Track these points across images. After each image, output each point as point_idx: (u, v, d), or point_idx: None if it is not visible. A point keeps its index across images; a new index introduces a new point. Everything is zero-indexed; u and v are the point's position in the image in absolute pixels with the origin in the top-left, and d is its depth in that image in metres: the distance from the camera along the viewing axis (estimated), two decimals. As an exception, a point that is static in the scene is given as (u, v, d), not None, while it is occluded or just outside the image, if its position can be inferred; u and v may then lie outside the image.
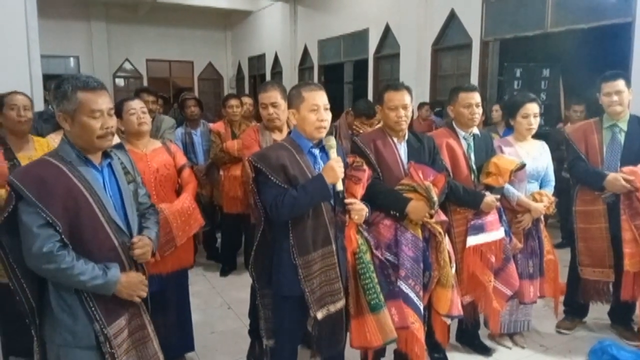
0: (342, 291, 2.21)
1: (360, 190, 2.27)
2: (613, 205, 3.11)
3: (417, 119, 6.81)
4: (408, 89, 2.64)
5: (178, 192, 2.91)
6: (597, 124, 3.23)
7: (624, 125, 3.14)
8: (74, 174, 1.72)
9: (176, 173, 2.90)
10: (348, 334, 2.34)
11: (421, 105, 7.05)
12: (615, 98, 3.07)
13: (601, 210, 3.15)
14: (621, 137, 3.13)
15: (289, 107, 2.25)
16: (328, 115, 2.19)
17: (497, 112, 5.39)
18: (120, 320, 1.81)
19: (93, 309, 1.74)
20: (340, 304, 2.21)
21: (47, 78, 5.94)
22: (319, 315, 2.15)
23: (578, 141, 3.24)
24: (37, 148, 2.82)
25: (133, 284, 1.84)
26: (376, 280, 2.26)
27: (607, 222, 3.14)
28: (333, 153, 2.15)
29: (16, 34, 5.91)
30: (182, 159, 2.98)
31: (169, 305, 2.82)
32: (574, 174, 3.33)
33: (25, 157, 2.72)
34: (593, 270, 3.25)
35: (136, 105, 2.75)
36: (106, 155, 1.88)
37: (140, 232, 1.95)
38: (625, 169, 3.01)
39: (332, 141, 2.18)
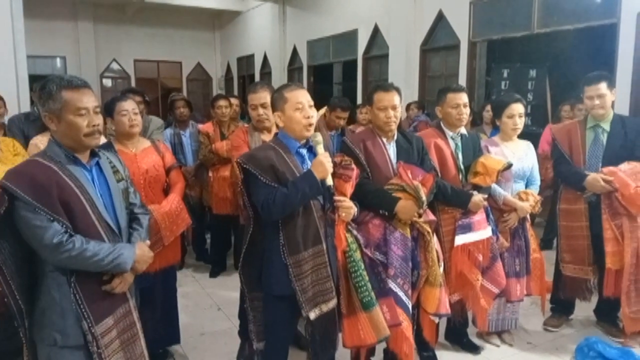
0: (334, 290, 2.21)
1: (349, 189, 2.28)
2: (595, 205, 3.16)
3: (406, 119, 6.84)
4: (397, 90, 2.65)
5: (166, 192, 2.93)
6: (582, 124, 3.28)
7: (606, 126, 3.19)
8: (64, 173, 1.74)
9: (165, 173, 2.91)
10: (340, 334, 2.34)
11: (409, 106, 7.07)
12: (597, 102, 3.12)
13: (582, 209, 3.21)
14: (603, 138, 3.18)
15: (274, 110, 2.25)
16: (313, 112, 2.20)
17: (488, 112, 5.40)
18: (108, 320, 1.82)
19: (82, 306, 1.75)
20: (332, 303, 2.21)
21: (33, 79, 5.89)
22: (312, 315, 2.15)
23: (562, 141, 3.29)
24: (3, 149, 2.78)
25: (146, 257, 1.94)
26: (367, 278, 2.27)
27: (588, 220, 3.20)
28: (320, 148, 2.16)
29: (2, 35, 5.86)
30: (170, 159, 3.00)
31: (157, 301, 2.85)
32: (558, 173, 3.39)
33: None
34: (574, 267, 3.32)
35: (128, 106, 2.75)
36: (94, 154, 1.88)
37: (129, 234, 1.97)
38: (605, 169, 3.06)
39: (319, 137, 2.19)
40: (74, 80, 1.78)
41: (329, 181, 2.13)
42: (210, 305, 4.01)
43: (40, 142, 3.06)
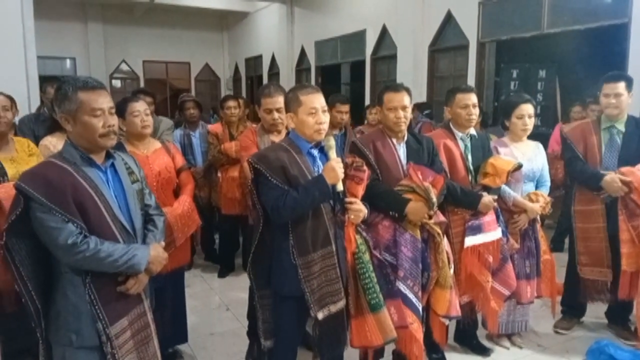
0: (343, 291, 2.21)
1: (361, 191, 2.27)
2: (611, 205, 3.13)
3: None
4: (407, 90, 2.64)
5: (176, 193, 2.94)
6: (595, 125, 3.25)
7: (621, 127, 3.16)
8: (79, 174, 1.75)
9: (176, 175, 2.92)
10: (348, 334, 2.34)
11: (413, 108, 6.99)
12: (612, 100, 3.09)
13: (599, 210, 3.18)
14: (619, 139, 3.16)
15: (287, 110, 2.25)
16: (326, 117, 2.20)
17: None
18: (123, 321, 1.83)
19: (97, 307, 1.76)
20: (341, 304, 2.20)
21: (43, 79, 5.92)
22: (320, 315, 2.15)
23: (576, 141, 3.25)
24: (18, 149, 2.77)
25: (160, 258, 1.94)
26: (375, 280, 2.26)
27: (605, 222, 3.16)
28: (332, 153, 2.16)
29: (12, 36, 5.90)
30: (181, 160, 3.01)
31: (165, 302, 2.86)
32: (572, 173, 3.35)
33: (6, 158, 2.66)
34: (592, 269, 3.27)
35: (140, 107, 2.75)
36: (109, 156, 1.90)
37: (144, 235, 1.97)
38: (624, 169, 3.02)
39: (332, 141, 2.18)
40: (90, 82, 1.80)
41: (340, 186, 2.13)
42: (218, 305, 4.03)
43: (49, 142, 3.07)
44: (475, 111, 2.92)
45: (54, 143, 3.04)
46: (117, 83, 14.18)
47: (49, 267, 1.80)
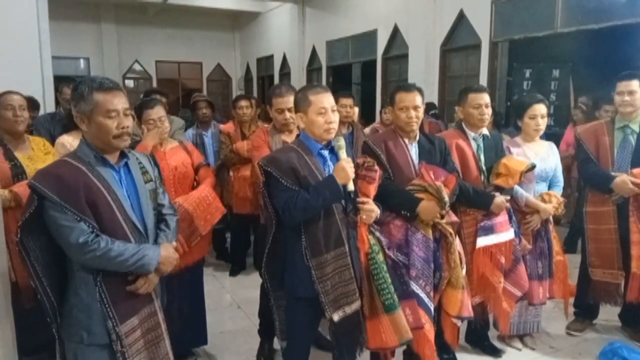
0: (358, 292, 2.20)
1: (373, 191, 2.27)
2: (622, 207, 3.10)
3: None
4: (419, 90, 2.64)
5: (194, 189, 2.96)
6: (609, 125, 3.22)
7: (635, 127, 3.12)
8: (93, 173, 1.77)
9: (193, 171, 2.95)
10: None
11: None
12: (626, 98, 3.06)
13: (610, 211, 3.15)
14: (632, 139, 3.12)
15: (297, 110, 2.26)
16: (336, 117, 2.20)
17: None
18: (133, 320, 1.84)
19: (107, 306, 1.77)
20: (356, 304, 2.20)
21: (58, 79, 5.98)
22: (335, 317, 2.14)
23: (588, 141, 3.23)
24: (34, 147, 2.82)
25: (171, 258, 1.94)
26: (389, 280, 2.25)
27: (617, 223, 3.13)
28: (343, 153, 2.16)
29: (28, 36, 5.98)
30: (199, 158, 3.08)
31: (184, 298, 2.85)
32: (583, 175, 3.32)
33: (24, 157, 2.71)
34: (603, 271, 3.23)
35: (155, 115, 2.80)
36: (123, 155, 1.91)
37: (156, 235, 1.98)
38: (635, 170, 3.00)
39: (342, 141, 2.18)
40: (105, 82, 1.81)
41: (351, 186, 2.13)
42: (230, 303, 4.05)
43: (66, 140, 3.13)
44: (488, 111, 2.91)
45: (70, 141, 3.09)
46: (130, 83, 14.31)
47: (63, 264, 1.83)
